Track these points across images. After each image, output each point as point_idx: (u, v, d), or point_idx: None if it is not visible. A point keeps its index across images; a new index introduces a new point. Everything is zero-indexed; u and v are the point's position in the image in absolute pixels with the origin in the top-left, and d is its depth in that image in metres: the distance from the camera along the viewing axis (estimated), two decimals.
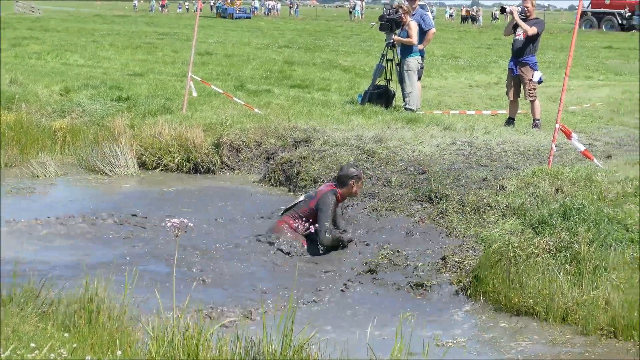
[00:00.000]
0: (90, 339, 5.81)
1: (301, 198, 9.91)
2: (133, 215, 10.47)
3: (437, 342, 6.86)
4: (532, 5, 14.52)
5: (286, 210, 9.90)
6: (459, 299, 8.10)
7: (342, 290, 8.33)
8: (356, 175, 9.68)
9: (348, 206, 10.66)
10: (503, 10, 14.55)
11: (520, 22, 14.23)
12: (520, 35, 14.35)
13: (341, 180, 9.70)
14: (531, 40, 14.30)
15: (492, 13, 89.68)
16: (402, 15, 16.12)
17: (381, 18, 16.82)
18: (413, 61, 16.17)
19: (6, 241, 9.08)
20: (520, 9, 14.32)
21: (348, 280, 8.59)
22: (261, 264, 9.02)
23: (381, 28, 16.71)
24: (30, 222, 9.92)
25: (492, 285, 7.87)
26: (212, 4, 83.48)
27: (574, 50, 11.17)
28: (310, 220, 9.01)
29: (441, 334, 7.13)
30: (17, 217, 10.06)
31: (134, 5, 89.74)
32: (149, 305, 7.25)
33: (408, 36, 16.14)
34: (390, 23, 16.40)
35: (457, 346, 6.94)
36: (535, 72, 14.36)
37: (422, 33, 16.53)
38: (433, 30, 16.97)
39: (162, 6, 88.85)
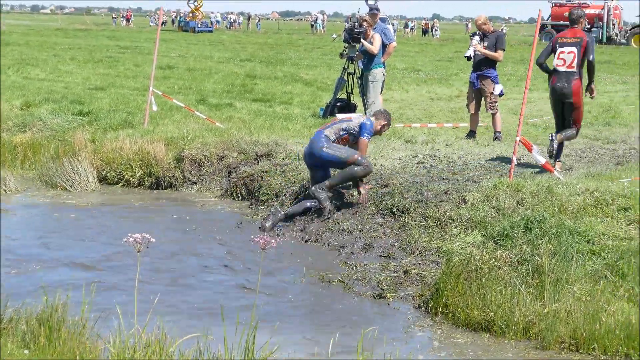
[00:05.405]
0: (51, 356, 5.75)
1: None
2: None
3: (397, 357, 6.85)
4: (484, 22, 14.59)
5: None
6: (420, 312, 8.11)
7: (305, 303, 8.31)
8: None
9: (313, 221, 10.67)
10: (469, 59, 14.51)
11: (487, 53, 14.26)
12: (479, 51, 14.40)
13: None
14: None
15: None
16: (367, 28, 16.19)
17: (349, 32, 16.89)
18: (379, 73, 16.20)
19: None
20: (479, 43, 14.28)
21: (311, 292, 8.58)
22: (222, 278, 8.98)
23: (354, 41, 16.78)
24: None
25: (453, 298, 7.88)
26: (173, 17, 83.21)
27: (534, 63, 11.26)
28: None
29: (401, 349, 7.10)
30: None
31: (151, 21, 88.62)
32: (110, 321, 7.19)
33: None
34: (360, 36, 16.51)
35: None
36: (497, 85, 14.45)
37: (383, 47, 16.60)
38: (394, 44, 17.06)
39: (127, 19, 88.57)
